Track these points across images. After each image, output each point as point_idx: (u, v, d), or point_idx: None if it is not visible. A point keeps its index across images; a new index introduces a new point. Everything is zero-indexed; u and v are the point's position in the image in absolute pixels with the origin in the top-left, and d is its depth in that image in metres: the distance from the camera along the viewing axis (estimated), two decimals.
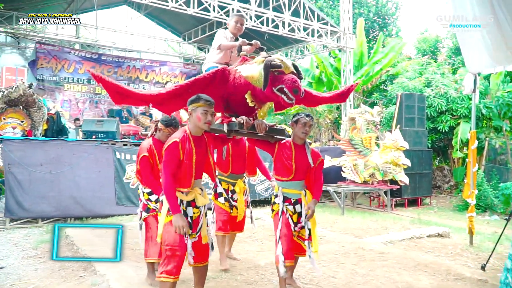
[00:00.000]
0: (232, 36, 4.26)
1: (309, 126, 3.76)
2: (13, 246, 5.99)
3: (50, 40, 14.66)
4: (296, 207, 3.79)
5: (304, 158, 3.75)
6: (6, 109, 7.83)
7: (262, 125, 3.58)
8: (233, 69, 3.64)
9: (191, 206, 3.28)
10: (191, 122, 3.27)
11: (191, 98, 3.22)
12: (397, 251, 5.37)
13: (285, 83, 3.22)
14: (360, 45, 15.95)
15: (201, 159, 3.32)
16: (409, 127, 10.87)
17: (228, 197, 4.67)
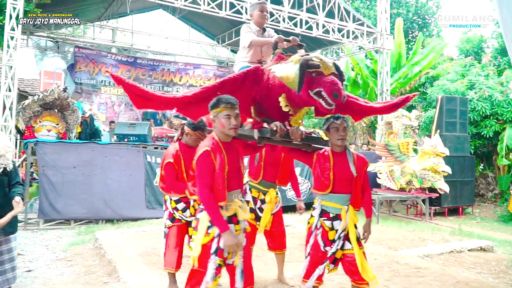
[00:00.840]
0: (258, 28, 3.82)
1: (343, 129, 3.29)
2: (44, 247, 6.07)
3: (88, 44, 15.01)
4: (335, 223, 3.31)
5: (345, 167, 3.31)
6: (41, 112, 8.01)
7: (297, 132, 3.13)
8: (267, 69, 3.24)
9: (232, 223, 2.86)
10: (216, 129, 2.91)
11: (211, 103, 2.85)
12: (435, 266, 5.01)
13: (324, 85, 2.77)
14: (398, 46, 15.42)
15: (234, 167, 2.93)
16: (450, 132, 10.33)
17: (255, 207, 4.18)
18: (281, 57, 3.30)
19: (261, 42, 3.68)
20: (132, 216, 7.97)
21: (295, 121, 3.25)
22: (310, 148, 3.48)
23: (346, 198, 3.33)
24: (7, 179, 3.53)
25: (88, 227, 7.45)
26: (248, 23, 3.87)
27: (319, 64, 2.81)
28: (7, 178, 3.53)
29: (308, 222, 3.48)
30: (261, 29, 3.83)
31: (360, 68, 15.44)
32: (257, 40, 3.66)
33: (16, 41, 8.36)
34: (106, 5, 14.10)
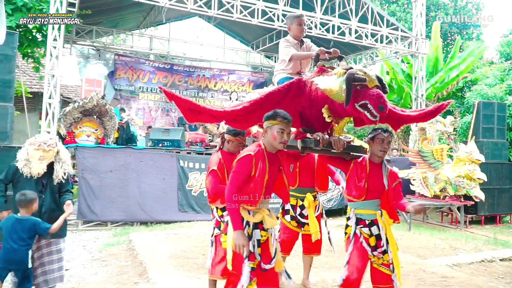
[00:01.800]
0: (296, 41, 3.87)
1: (387, 143, 3.41)
2: (81, 248, 6.41)
3: (128, 52, 15.60)
4: (372, 229, 3.40)
5: (379, 178, 3.42)
6: (81, 119, 8.44)
7: (340, 142, 3.26)
8: (309, 81, 3.32)
9: (258, 229, 3.01)
10: (265, 139, 3.04)
11: (268, 114, 2.99)
12: (463, 275, 4.93)
13: (370, 98, 2.86)
14: (435, 50, 15.09)
15: (273, 177, 3.11)
16: (487, 138, 10.04)
17: (295, 214, 4.29)
18: (323, 69, 3.36)
19: (303, 56, 3.76)
20: (165, 219, 8.25)
21: (338, 130, 3.39)
22: (349, 156, 3.56)
23: (377, 203, 3.44)
24: (58, 186, 3.77)
25: (123, 228, 7.78)
26: (285, 37, 3.93)
27: (365, 78, 2.91)
28: (59, 185, 3.77)
29: (345, 233, 3.55)
30: (299, 41, 3.89)
31: (395, 73, 15.22)
32: (299, 54, 3.74)
33: (58, 50, 8.84)
34: (144, 14, 14.63)
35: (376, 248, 3.38)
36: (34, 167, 3.61)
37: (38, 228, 3.40)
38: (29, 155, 3.61)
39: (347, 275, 3.36)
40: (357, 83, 2.91)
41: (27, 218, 3.40)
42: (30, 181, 3.61)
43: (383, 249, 3.38)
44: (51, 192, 3.72)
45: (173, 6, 9.89)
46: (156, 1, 9.64)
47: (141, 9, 13.89)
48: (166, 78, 15.53)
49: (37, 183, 3.65)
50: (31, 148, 3.63)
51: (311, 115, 3.32)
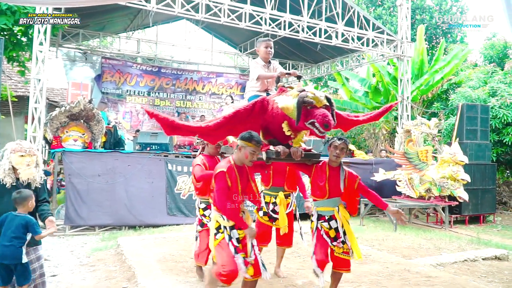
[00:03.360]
0: (264, 63, 4.48)
1: (340, 149, 3.89)
2: (69, 253, 6.39)
3: (115, 55, 15.54)
4: (331, 223, 3.97)
5: (337, 180, 3.92)
6: (68, 123, 8.39)
7: (297, 152, 3.81)
8: (272, 99, 3.85)
9: (234, 229, 3.58)
10: (237, 155, 3.60)
11: (244, 136, 3.53)
12: (446, 275, 5.04)
13: (316, 118, 3.38)
14: (420, 53, 15.31)
15: (244, 186, 3.66)
16: (471, 139, 10.23)
17: (268, 210, 4.82)
18: (282, 90, 3.90)
19: (267, 76, 4.40)
20: (153, 223, 8.25)
21: (296, 142, 3.92)
22: (310, 161, 4.10)
23: (336, 200, 4.01)
24: (35, 195, 3.73)
25: (111, 233, 7.76)
26: (256, 59, 4.58)
27: (312, 101, 3.46)
28: (36, 194, 3.73)
29: (310, 227, 4.13)
30: (266, 63, 4.50)
31: (381, 75, 15.40)
32: (264, 74, 4.39)
33: (44, 54, 8.80)
34: (131, 17, 14.59)
35: (336, 239, 3.94)
36: (23, 173, 3.58)
37: (30, 226, 3.40)
38: (14, 163, 3.58)
39: (317, 259, 3.86)
40: (307, 104, 3.46)
41: (23, 215, 3.40)
42: (7, 191, 3.52)
43: (341, 240, 3.95)
44: None
45: (160, 10, 9.90)
46: (143, 5, 9.65)
47: (128, 12, 13.86)
48: (153, 81, 15.52)
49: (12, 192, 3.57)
50: (16, 155, 3.59)
51: (274, 129, 3.87)
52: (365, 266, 5.53)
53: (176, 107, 16.02)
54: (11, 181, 3.55)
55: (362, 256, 4.04)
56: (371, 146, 16.70)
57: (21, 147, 3.64)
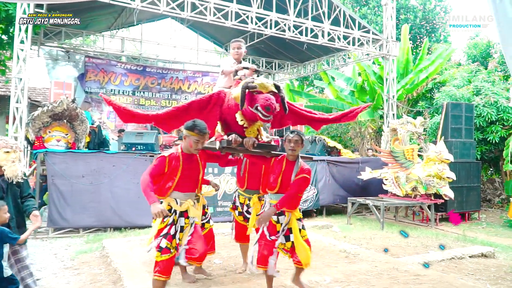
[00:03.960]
0: (234, 61, 4.66)
1: (294, 142, 3.93)
2: (52, 256, 6.22)
3: (98, 54, 15.31)
4: (280, 218, 4.01)
5: (290, 174, 3.94)
6: (51, 123, 8.20)
7: (249, 141, 3.92)
8: (228, 92, 4.02)
9: (183, 217, 3.77)
10: (184, 143, 3.74)
11: (188, 125, 3.64)
12: (434, 273, 5.05)
13: (259, 101, 3.57)
14: (406, 52, 15.43)
15: (190, 174, 3.78)
16: (456, 138, 10.32)
17: (243, 210, 4.99)
18: (238, 82, 4.04)
19: (229, 71, 4.53)
20: (139, 224, 8.11)
21: (249, 132, 4.02)
22: (269, 154, 4.21)
23: None
24: (19, 191, 3.64)
25: (96, 235, 7.61)
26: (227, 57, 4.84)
27: (255, 85, 3.62)
28: (19, 190, 3.65)
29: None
30: (237, 61, 4.66)
31: (367, 74, 15.47)
32: (226, 70, 4.57)
33: (25, 53, 8.60)
34: (115, 16, 14.39)
35: (276, 233, 3.97)
36: (8, 170, 3.50)
37: (5, 237, 3.28)
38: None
39: (259, 253, 3.95)
40: (252, 90, 3.62)
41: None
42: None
43: (285, 236, 3.98)
44: (13, 197, 3.58)
45: (145, 8, 9.77)
46: (128, 3, 9.50)
47: (113, 11, 13.66)
48: (138, 80, 15.32)
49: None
50: (1, 152, 3.50)
51: (231, 120, 3.97)
52: (354, 265, 5.53)
53: (161, 106, 15.84)
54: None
55: (309, 263, 3.98)
56: (357, 145, 16.79)
57: (6, 143, 3.57)
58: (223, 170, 8.97)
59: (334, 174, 10.73)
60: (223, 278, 4.89)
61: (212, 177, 8.76)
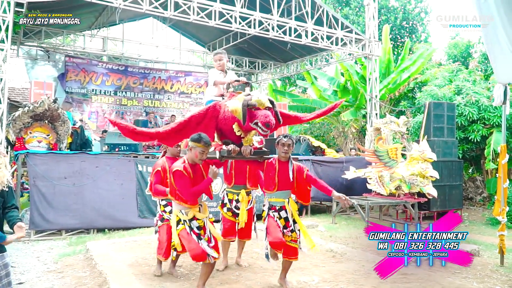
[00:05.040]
0: (220, 71, 5.10)
1: (287, 146, 4.37)
2: (35, 259, 6.09)
3: (79, 53, 15.04)
4: (281, 213, 4.43)
5: (286, 173, 4.37)
6: (32, 124, 8.01)
7: (247, 150, 4.37)
8: (223, 104, 4.39)
9: (194, 220, 4.11)
10: (189, 155, 4.08)
11: (194, 137, 4.00)
12: (422, 272, 5.10)
13: (259, 118, 3.99)
14: (387, 52, 15.60)
15: (198, 182, 4.06)
16: (438, 137, 10.46)
17: (231, 206, 5.27)
18: (233, 95, 4.48)
19: (220, 83, 4.97)
20: (124, 226, 8.01)
21: (246, 141, 4.41)
22: (262, 158, 4.60)
23: (286, 193, 4.47)
24: (2, 200, 3.48)
25: (79, 237, 7.47)
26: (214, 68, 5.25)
27: (255, 103, 4.06)
28: (3, 200, 3.49)
29: (262, 216, 4.65)
30: (222, 71, 5.11)
31: (350, 74, 15.60)
32: (218, 81, 4.99)
33: (6, 52, 8.38)
34: (96, 15, 14.14)
35: (285, 228, 4.39)
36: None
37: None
38: None
39: (271, 240, 4.24)
40: (251, 107, 4.05)
41: None
42: None
43: (291, 229, 4.40)
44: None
45: (127, 7, 9.63)
46: (110, 2, 9.35)
47: (93, 10, 13.41)
48: (120, 80, 15.11)
49: None
50: None
51: (226, 130, 4.36)
52: (341, 265, 5.55)
53: (144, 106, 15.66)
54: None
55: (315, 244, 4.47)
56: (341, 144, 16.90)
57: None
58: None
59: (319, 174, 10.77)
60: (210, 280, 4.84)
61: None
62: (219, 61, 5.14)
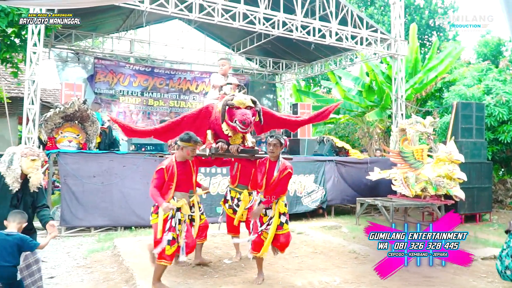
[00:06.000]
0: (222, 76, 5.44)
1: (273, 145, 4.59)
2: (65, 254, 6.31)
3: (107, 55, 15.42)
4: (268, 211, 4.72)
5: (273, 171, 4.61)
6: (63, 124, 8.29)
7: (234, 148, 4.73)
8: (215, 105, 4.74)
9: (179, 211, 4.44)
10: (179, 153, 4.42)
11: (184, 137, 4.32)
12: (446, 275, 5.05)
13: (237, 116, 4.37)
14: (415, 51, 15.36)
15: (185, 178, 4.49)
16: (466, 138, 10.25)
17: (232, 204, 5.59)
18: (223, 97, 4.78)
19: (217, 86, 5.30)
20: (149, 223, 8.12)
21: (233, 140, 4.80)
22: (253, 157, 4.94)
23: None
24: (31, 200, 3.66)
25: (107, 234, 7.69)
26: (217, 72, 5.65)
27: (233, 103, 4.44)
28: (32, 199, 3.66)
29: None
30: (224, 76, 5.48)
31: (375, 74, 15.43)
32: (215, 84, 5.36)
33: (38, 56, 8.70)
34: (124, 18, 14.48)
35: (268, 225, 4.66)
36: (34, 177, 3.53)
37: (26, 245, 3.32)
38: (24, 167, 3.50)
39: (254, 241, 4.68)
40: (232, 106, 4.41)
41: (15, 234, 3.32)
42: (5, 195, 3.48)
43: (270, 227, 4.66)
44: (24, 207, 3.59)
45: (154, 10, 9.83)
46: (137, 5, 9.57)
47: (121, 13, 13.75)
48: (147, 81, 15.42)
49: (13, 198, 3.52)
50: (28, 159, 3.53)
51: (218, 130, 4.73)
52: (364, 266, 5.54)
53: (170, 107, 15.92)
54: (18, 186, 3.50)
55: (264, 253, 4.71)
56: (365, 145, 16.73)
57: (32, 152, 3.59)
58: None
59: (343, 174, 10.73)
60: (233, 278, 4.92)
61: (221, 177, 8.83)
62: (222, 66, 5.54)
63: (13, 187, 3.47)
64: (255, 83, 18.13)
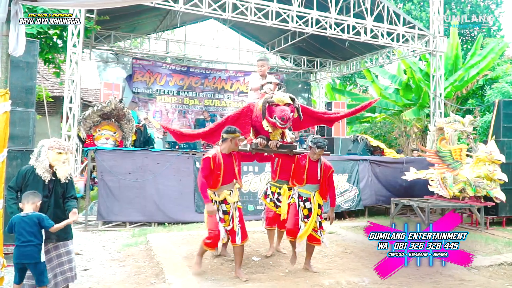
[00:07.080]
0: (260, 76, 5.59)
1: (318, 154, 4.91)
2: (101, 248, 6.53)
3: (145, 55, 15.83)
4: (306, 204, 5.05)
5: (315, 171, 4.95)
6: (100, 122, 8.60)
7: (273, 143, 4.96)
8: (256, 103, 5.00)
9: (223, 203, 4.74)
10: (226, 144, 4.69)
11: (229, 130, 4.65)
12: (481, 279, 4.86)
13: (276, 113, 4.61)
14: (455, 48, 14.85)
15: (229, 170, 4.73)
16: (508, 137, 9.77)
17: (273, 198, 5.79)
18: (263, 95, 4.99)
19: (255, 88, 5.47)
20: (182, 220, 8.34)
21: (273, 136, 4.99)
22: (292, 153, 5.20)
23: (314, 187, 5.03)
24: (62, 191, 3.84)
25: (141, 229, 7.90)
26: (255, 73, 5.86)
27: (273, 100, 4.68)
28: (63, 190, 3.84)
29: (291, 201, 5.25)
30: (263, 76, 5.61)
31: (413, 72, 15.01)
32: (253, 87, 5.54)
33: (77, 56, 9.05)
34: (160, 18, 14.82)
35: (308, 217, 4.99)
36: (60, 170, 3.69)
37: (42, 221, 3.46)
38: (51, 160, 3.68)
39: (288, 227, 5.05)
40: (271, 103, 4.66)
41: (32, 213, 3.47)
42: (38, 186, 3.65)
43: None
44: (55, 197, 3.75)
45: (188, 10, 10.00)
46: (171, 6, 9.77)
47: (158, 14, 14.08)
48: (182, 81, 15.71)
49: (44, 188, 3.68)
50: (54, 152, 3.70)
51: (259, 127, 4.95)
52: None
53: (205, 106, 16.16)
54: (49, 177, 3.67)
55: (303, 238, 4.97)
56: (402, 144, 16.34)
57: (59, 145, 3.75)
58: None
59: (377, 174, 10.52)
60: (260, 275, 4.94)
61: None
62: (261, 67, 5.67)
63: (44, 177, 3.66)
64: (290, 82, 18.07)
